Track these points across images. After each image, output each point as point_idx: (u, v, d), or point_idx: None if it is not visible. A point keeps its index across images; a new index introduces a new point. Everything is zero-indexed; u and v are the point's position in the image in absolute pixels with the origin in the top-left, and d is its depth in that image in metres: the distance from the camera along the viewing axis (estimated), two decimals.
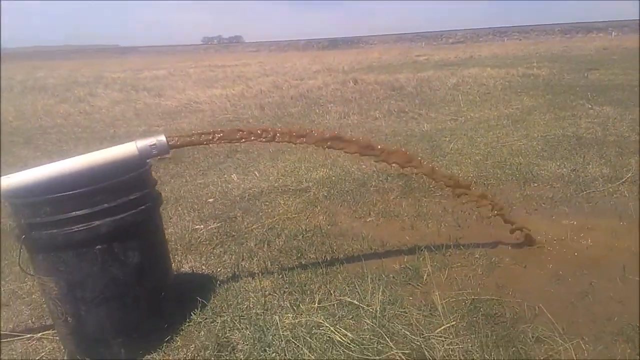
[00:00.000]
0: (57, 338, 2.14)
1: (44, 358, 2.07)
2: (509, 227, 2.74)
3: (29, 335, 2.23)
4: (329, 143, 2.30)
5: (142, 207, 1.93)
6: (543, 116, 6.71)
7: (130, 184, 1.89)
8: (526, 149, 4.97)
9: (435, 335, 1.96)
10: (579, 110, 6.92)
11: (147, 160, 2.06)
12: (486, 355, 1.84)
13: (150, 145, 1.96)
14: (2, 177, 1.81)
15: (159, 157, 2.03)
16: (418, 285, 2.43)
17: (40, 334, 2.24)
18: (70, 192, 1.75)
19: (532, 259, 2.66)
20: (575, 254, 2.70)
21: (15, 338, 2.22)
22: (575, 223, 3.08)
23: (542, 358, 1.82)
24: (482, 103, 8.20)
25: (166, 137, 2.00)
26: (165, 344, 2.06)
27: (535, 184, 3.88)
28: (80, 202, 1.76)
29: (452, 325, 2.02)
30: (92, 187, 1.77)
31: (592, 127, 5.74)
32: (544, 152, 4.83)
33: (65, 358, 2.05)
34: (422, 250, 2.78)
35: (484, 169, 4.37)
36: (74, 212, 1.75)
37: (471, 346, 1.90)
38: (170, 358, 1.99)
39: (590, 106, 7.09)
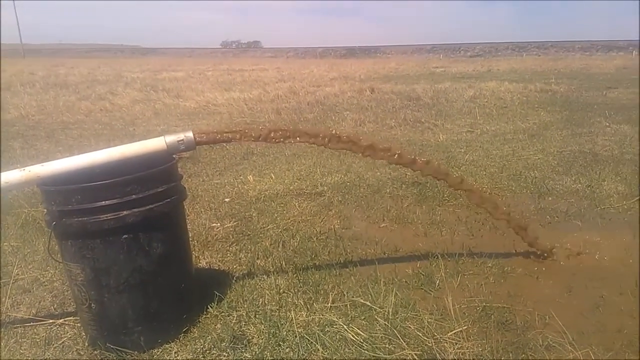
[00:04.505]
0: (79, 324, 2.20)
1: (66, 342, 2.14)
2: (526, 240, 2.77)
3: (51, 321, 2.29)
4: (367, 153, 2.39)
5: (168, 199, 2.00)
6: (560, 132, 6.69)
7: (158, 176, 1.97)
8: (542, 163, 4.97)
9: (447, 338, 2.00)
10: (596, 127, 6.90)
11: (174, 155, 2.14)
12: None
13: (179, 141, 2.04)
14: (37, 165, 1.90)
15: (185, 152, 2.10)
16: (430, 290, 2.47)
17: (62, 319, 2.30)
18: (102, 182, 1.82)
19: (545, 271, 2.68)
20: (587, 267, 2.72)
21: (38, 323, 2.28)
22: (588, 237, 3.10)
23: None
24: (498, 116, 8.20)
25: (194, 134, 2.08)
26: (182, 334, 2.12)
27: (550, 198, 3.89)
28: (111, 192, 1.83)
29: (464, 329, 2.05)
30: (122, 178, 1.84)
31: (609, 144, 5.72)
32: (559, 167, 4.83)
33: (86, 343, 2.11)
34: (435, 256, 2.82)
35: (499, 181, 4.38)
36: (103, 202, 1.82)
37: (482, 350, 1.93)
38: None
39: (607, 124, 7.05)
